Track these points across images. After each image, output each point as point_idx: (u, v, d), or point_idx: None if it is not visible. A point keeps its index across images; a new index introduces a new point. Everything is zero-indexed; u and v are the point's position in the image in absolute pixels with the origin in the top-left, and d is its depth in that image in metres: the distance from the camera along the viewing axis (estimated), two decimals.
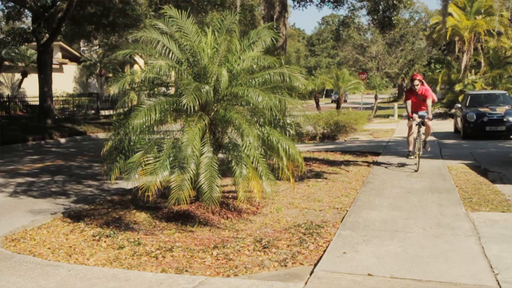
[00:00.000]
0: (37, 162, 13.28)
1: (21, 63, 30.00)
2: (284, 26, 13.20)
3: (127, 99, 7.22)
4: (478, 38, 30.61)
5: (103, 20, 21.55)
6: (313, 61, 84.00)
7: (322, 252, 5.28)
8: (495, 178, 9.37)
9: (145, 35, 6.90)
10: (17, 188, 9.44)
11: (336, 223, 6.51)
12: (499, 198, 7.71)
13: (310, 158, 12.43)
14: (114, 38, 28.57)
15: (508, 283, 4.24)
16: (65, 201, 8.28)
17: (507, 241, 5.46)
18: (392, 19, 15.18)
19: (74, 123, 23.17)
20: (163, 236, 6.13)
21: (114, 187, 8.97)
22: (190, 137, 6.12)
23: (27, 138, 17.86)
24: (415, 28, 57.96)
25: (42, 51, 20.94)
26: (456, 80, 30.42)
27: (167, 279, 4.60)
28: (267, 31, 7.34)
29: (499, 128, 17.13)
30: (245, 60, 7.06)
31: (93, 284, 4.51)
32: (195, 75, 6.84)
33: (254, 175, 6.33)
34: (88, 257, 5.37)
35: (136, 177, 6.35)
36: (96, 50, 37.19)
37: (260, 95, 6.29)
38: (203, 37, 7.06)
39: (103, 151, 6.78)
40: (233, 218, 6.84)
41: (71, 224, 6.68)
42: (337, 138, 18.78)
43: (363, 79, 38.16)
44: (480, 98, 19.21)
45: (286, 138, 6.83)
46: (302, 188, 8.87)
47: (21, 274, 4.78)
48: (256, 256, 5.32)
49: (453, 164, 11.18)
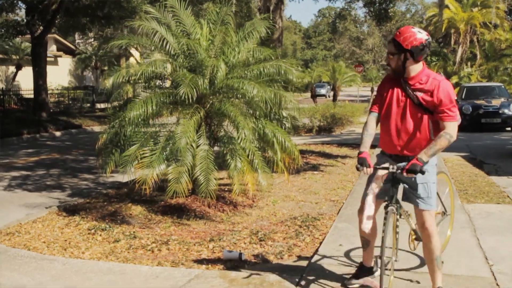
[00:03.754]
0: (32, 155, 13.22)
1: (15, 56, 29.77)
2: (281, 18, 13.17)
3: (123, 92, 7.19)
4: (474, 30, 30.64)
5: (98, 12, 21.36)
6: (310, 53, 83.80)
7: (318, 245, 5.28)
8: (490, 170, 9.39)
9: (143, 24, 6.84)
10: (12, 182, 9.39)
11: (332, 215, 6.51)
12: (494, 190, 7.73)
13: (306, 151, 12.43)
14: (109, 31, 28.40)
15: (503, 274, 4.25)
16: (60, 195, 8.25)
17: (502, 232, 5.47)
18: (389, 11, 15.16)
19: (69, 116, 23.06)
20: (159, 229, 6.11)
21: (110, 181, 8.94)
22: (185, 129, 6.10)
23: (22, 131, 17.75)
24: (411, 20, 57.98)
25: (36, 44, 20.78)
26: (452, 73, 30.45)
27: (162, 272, 4.59)
28: (262, 22, 7.30)
29: (495, 120, 17.15)
30: (240, 52, 7.03)
31: (89, 277, 4.49)
32: (190, 67, 6.80)
33: (249, 168, 6.32)
34: (84, 251, 5.35)
35: (132, 170, 6.32)
36: (91, 43, 36.98)
37: (256, 88, 6.26)
38: (199, 29, 7.02)
39: (98, 144, 6.74)
40: (229, 211, 6.83)
41: (66, 218, 6.66)
42: (334, 131, 18.78)
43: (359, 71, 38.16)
44: (475, 91, 19.22)
45: (281, 131, 6.81)
46: (299, 180, 8.86)
47: (15, 268, 4.75)
48: (252, 249, 5.31)
49: (448, 157, 11.19)
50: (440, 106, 3.50)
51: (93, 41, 36.19)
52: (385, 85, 3.82)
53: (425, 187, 3.66)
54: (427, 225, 3.65)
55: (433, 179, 3.69)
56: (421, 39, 3.47)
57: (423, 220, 3.67)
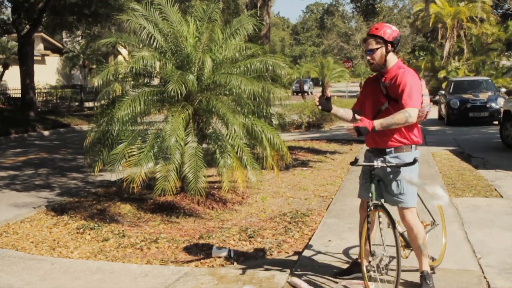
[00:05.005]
0: (20, 155, 13.12)
1: (1, 55, 29.47)
2: (268, 14, 13.16)
3: (111, 90, 7.14)
4: (461, 25, 30.76)
5: (85, 10, 21.19)
6: (298, 50, 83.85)
7: (307, 241, 5.29)
8: (478, 164, 9.46)
9: (130, 20, 6.80)
10: (0, 182, 9.31)
11: (322, 211, 6.53)
12: (482, 183, 7.78)
13: (295, 147, 12.44)
14: (96, 29, 28.20)
15: (490, 267, 4.29)
16: (49, 194, 8.19)
17: (489, 226, 5.52)
18: (376, 7, 15.21)
19: (57, 115, 22.90)
20: (148, 227, 6.10)
21: (99, 179, 8.89)
22: (174, 127, 6.08)
23: (10, 131, 17.60)
24: (399, 15, 58.07)
25: (23, 43, 20.60)
26: (440, 67, 30.57)
27: (152, 270, 4.58)
28: (249, 19, 7.29)
29: (482, 114, 17.26)
30: (227, 49, 7.01)
31: (77, 277, 4.47)
32: (178, 65, 6.77)
33: (239, 165, 6.32)
34: (72, 250, 5.32)
35: (120, 169, 6.30)
36: (78, 41, 36.69)
37: (243, 82, 6.24)
38: (185, 26, 6.99)
39: (86, 143, 6.71)
40: (218, 208, 6.82)
41: (55, 217, 6.62)
42: (323, 127, 18.82)
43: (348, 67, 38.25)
44: (463, 85, 19.32)
45: (270, 128, 6.81)
46: (288, 177, 8.87)
47: (3, 268, 4.72)
48: (242, 245, 5.31)
49: (437, 151, 11.26)
50: (400, 94, 3.60)
51: (80, 40, 35.90)
52: (366, 85, 4.02)
53: (398, 184, 3.71)
54: (406, 220, 3.75)
55: (409, 176, 3.68)
56: (397, 32, 3.68)
57: (402, 216, 3.77)
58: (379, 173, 3.73)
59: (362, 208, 3.99)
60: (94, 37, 30.00)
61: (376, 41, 3.67)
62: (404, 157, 3.70)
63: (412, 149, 3.75)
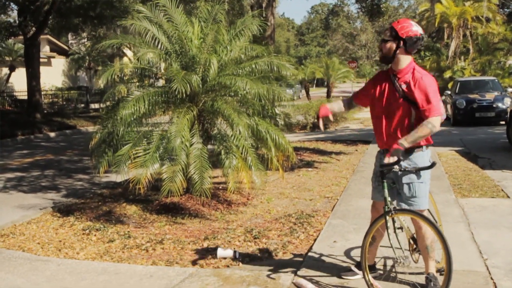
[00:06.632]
0: (26, 157, 13.18)
1: (8, 57, 29.61)
2: (273, 15, 13.16)
3: (116, 91, 7.16)
4: (467, 24, 30.62)
5: (90, 12, 21.29)
6: (303, 50, 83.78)
7: (312, 242, 5.28)
8: (484, 164, 9.42)
9: (135, 23, 6.82)
10: (7, 183, 9.36)
11: (327, 212, 6.52)
12: (488, 184, 7.75)
13: (300, 148, 12.44)
14: (102, 31, 28.28)
15: (497, 267, 4.27)
16: (55, 196, 8.23)
17: (496, 226, 5.49)
18: (381, 7, 15.18)
19: (63, 117, 22.98)
20: (154, 228, 6.11)
21: (105, 181, 8.92)
22: (179, 128, 6.08)
23: (16, 133, 17.69)
24: (404, 15, 57.99)
25: (29, 45, 20.69)
26: (445, 67, 30.43)
27: (157, 271, 4.58)
28: (254, 20, 7.29)
29: (489, 114, 17.18)
30: (232, 50, 7.01)
31: (83, 278, 4.48)
32: (183, 66, 6.78)
33: (244, 165, 6.31)
34: (78, 251, 5.34)
35: (125, 170, 6.30)
36: (84, 43, 36.81)
37: (248, 84, 6.24)
38: (190, 28, 7.00)
39: (91, 144, 6.73)
40: (223, 209, 6.83)
41: (61, 219, 6.64)
42: (328, 127, 18.78)
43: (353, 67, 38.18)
44: (469, 85, 19.23)
45: (275, 129, 6.80)
46: (293, 178, 8.87)
47: (10, 269, 4.74)
48: (247, 246, 5.31)
49: (443, 151, 11.22)
50: (421, 102, 3.58)
51: (86, 41, 36.01)
52: (375, 81, 3.96)
53: (410, 187, 3.69)
54: (417, 220, 3.70)
55: (421, 179, 3.69)
56: (416, 32, 3.63)
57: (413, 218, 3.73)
58: (392, 176, 3.73)
59: (374, 208, 4.02)
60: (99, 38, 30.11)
61: (390, 33, 3.68)
62: (417, 158, 3.72)
63: (423, 150, 3.76)
